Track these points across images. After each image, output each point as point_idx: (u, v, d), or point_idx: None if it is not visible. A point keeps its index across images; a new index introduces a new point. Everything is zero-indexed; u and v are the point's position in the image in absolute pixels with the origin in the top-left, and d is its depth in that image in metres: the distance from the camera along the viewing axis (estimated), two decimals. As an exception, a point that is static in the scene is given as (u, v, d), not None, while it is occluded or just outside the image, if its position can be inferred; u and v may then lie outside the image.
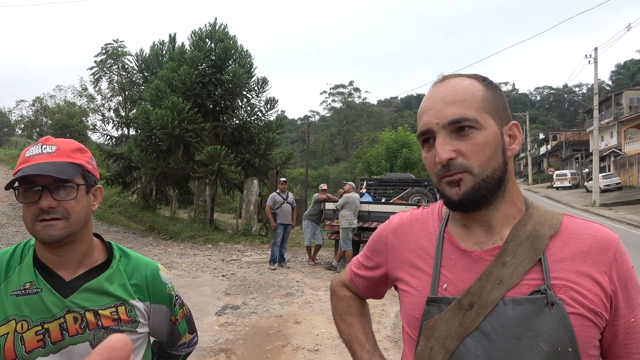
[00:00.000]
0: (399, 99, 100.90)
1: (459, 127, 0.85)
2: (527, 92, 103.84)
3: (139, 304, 1.23)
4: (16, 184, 1.13)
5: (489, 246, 0.90)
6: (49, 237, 1.10)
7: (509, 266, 0.85)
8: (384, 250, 1.07)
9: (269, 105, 16.05)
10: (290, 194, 10.10)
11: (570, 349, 0.80)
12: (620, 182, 30.24)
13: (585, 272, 0.83)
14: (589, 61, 24.63)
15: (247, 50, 16.22)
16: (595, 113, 25.17)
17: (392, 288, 1.12)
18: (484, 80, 0.91)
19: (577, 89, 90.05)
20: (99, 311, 1.16)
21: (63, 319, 1.13)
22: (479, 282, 0.86)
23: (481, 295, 0.85)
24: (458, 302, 0.87)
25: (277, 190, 10.00)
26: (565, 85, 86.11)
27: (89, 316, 1.15)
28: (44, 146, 1.15)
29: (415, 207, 9.26)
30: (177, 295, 1.36)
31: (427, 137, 0.90)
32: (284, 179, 10.30)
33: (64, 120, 30.42)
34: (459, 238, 0.94)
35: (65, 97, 36.32)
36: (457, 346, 0.85)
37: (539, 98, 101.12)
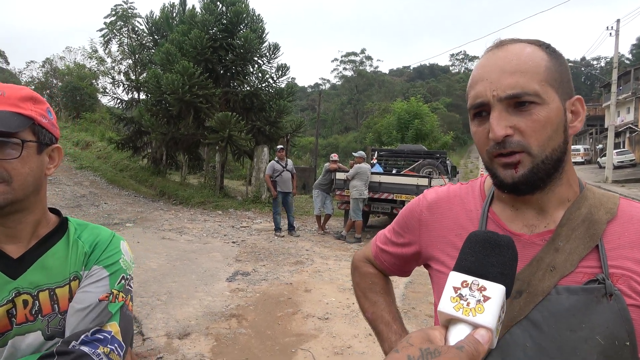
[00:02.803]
0: (411, 68, 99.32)
1: (519, 102, 0.76)
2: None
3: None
4: None
5: (541, 229, 0.83)
6: None
7: (562, 252, 0.79)
8: (416, 227, 1.01)
9: (280, 72, 15.80)
10: (289, 161, 9.99)
11: (627, 343, 0.74)
12: (634, 159, 29.76)
13: None
14: (610, 33, 23.89)
15: (259, 15, 15.86)
16: (614, 87, 24.60)
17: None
18: (547, 47, 0.81)
19: (595, 62, 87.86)
20: (56, 289, 0.97)
21: (12, 303, 0.93)
22: (528, 268, 0.80)
23: (531, 282, 0.79)
24: None
25: (276, 158, 9.89)
26: (583, 58, 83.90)
27: (43, 297, 0.96)
28: None
29: (428, 179, 9.21)
30: (129, 276, 1.07)
31: (480, 111, 0.81)
32: (281, 146, 10.17)
33: (74, 83, 30.29)
34: (506, 219, 0.87)
35: (75, 58, 36.05)
36: (503, 335, 0.79)
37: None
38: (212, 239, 8.87)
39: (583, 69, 76.95)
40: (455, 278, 0.63)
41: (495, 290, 0.60)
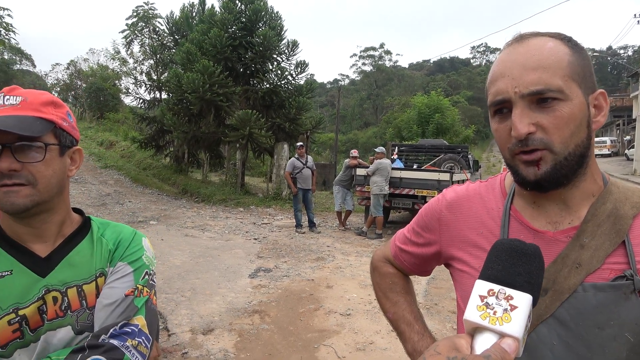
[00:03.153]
0: (431, 62, 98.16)
1: (542, 98, 0.75)
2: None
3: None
4: None
5: (565, 226, 0.82)
6: (10, 206, 0.93)
7: (588, 248, 0.78)
8: (436, 227, 1.00)
9: (299, 69, 15.83)
10: (309, 157, 10.01)
11: None
12: (664, 151, 28.83)
13: None
14: (638, 21, 23.20)
15: (277, 12, 15.92)
16: (642, 77, 23.85)
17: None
18: (569, 41, 0.80)
19: (622, 52, 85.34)
20: (83, 286, 1.02)
21: (42, 300, 0.97)
22: (554, 265, 0.79)
23: (557, 279, 0.78)
24: None
25: (296, 155, 9.91)
26: (610, 48, 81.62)
27: (71, 294, 1.00)
28: (7, 97, 0.96)
29: (449, 174, 9.12)
30: (152, 272, 1.12)
31: (501, 108, 0.79)
32: (301, 144, 10.19)
33: (98, 84, 30.92)
34: (529, 216, 0.86)
35: (98, 60, 36.80)
36: (529, 334, 0.78)
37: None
38: (234, 235, 8.97)
39: (609, 58, 74.85)
40: (482, 286, 0.63)
41: (523, 300, 0.60)
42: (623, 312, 0.74)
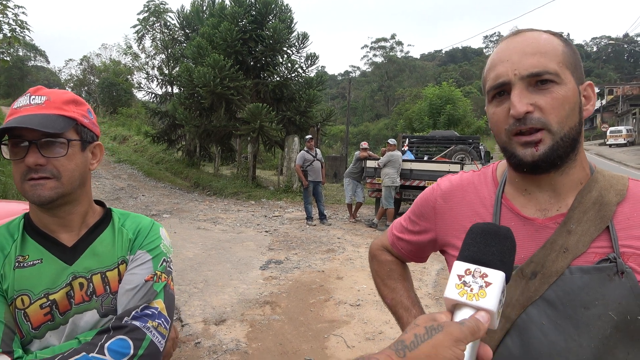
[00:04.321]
0: (443, 52, 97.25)
1: (540, 81, 0.80)
2: (583, 43, 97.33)
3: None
4: (5, 138, 1.03)
5: (553, 213, 0.87)
6: (37, 197, 1.01)
7: (574, 234, 0.83)
8: (432, 216, 1.05)
9: (309, 62, 15.81)
10: (318, 150, 10.04)
11: (639, 317, 0.78)
12: (681, 140, 28.31)
13: None
14: (655, 7, 22.63)
15: (287, 5, 15.89)
16: (659, 65, 23.34)
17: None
18: (560, 36, 0.87)
19: (639, 39, 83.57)
20: (107, 273, 1.10)
21: (69, 286, 1.06)
22: (542, 250, 0.84)
23: (545, 263, 0.83)
24: (520, 271, 0.85)
25: (305, 148, 9.94)
26: (626, 35, 79.89)
27: (96, 280, 1.09)
28: (32, 97, 1.05)
29: (460, 165, 9.08)
30: (169, 259, 1.20)
31: (500, 91, 0.85)
32: (310, 136, 10.21)
33: (110, 79, 31.21)
34: (519, 204, 0.91)
35: (111, 55, 37.13)
36: (519, 315, 0.84)
37: (595, 49, 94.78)
38: (245, 228, 9.06)
39: (626, 45, 73.33)
40: (459, 267, 0.67)
41: (496, 277, 0.64)
42: (607, 293, 0.79)
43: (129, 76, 32.85)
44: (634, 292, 0.78)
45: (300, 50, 15.94)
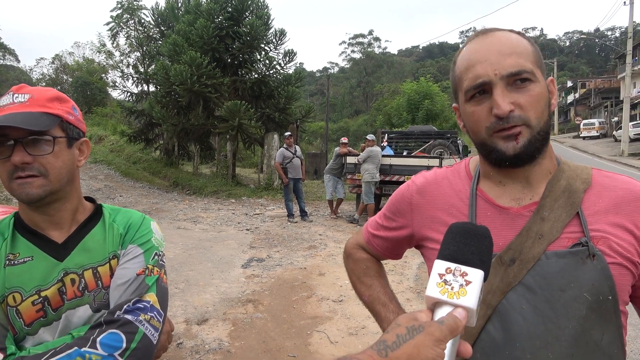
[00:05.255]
0: (420, 48, 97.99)
1: (519, 79, 0.84)
2: (556, 38, 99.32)
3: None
4: None
5: (527, 202, 0.91)
6: (25, 196, 1.01)
7: (548, 221, 0.87)
8: (408, 211, 1.07)
9: (287, 58, 15.74)
10: (297, 147, 10.04)
11: (610, 297, 0.83)
12: (651, 131, 29.09)
13: (619, 224, 0.86)
14: (625, 2, 23.26)
15: (264, 1, 15.77)
16: (629, 58, 24.02)
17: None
18: (524, 35, 0.91)
19: (609, 33, 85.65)
20: (98, 268, 1.10)
21: (61, 282, 1.06)
22: (519, 237, 0.88)
23: (522, 250, 0.87)
24: (499, 258, 0.88)
25: (285, 145, 9.91)
26: (597, 30, 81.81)
27: (88, 275, 1.09)
28: (16, 95, 1.04)
29: (439, 160, 9.18)
30: (161, 253, 1.20)
31: (479, 91, 0.87)
32: (289, 133, 10.19)
33: (84, 78, 30.55)
34: (494, 195, 0.94)
35: (84, 53, 36.33)
36: (500, 301, 0.86)
37: (568, 44, 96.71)
38: (226, 227, 8.99)
39: (597, 40, 75.09)
40: (440, 265, 0.68)
41: (476, 275, 0.66)
42: (581, 275, 0.83)
43: (104, 75, 32.21)
44: (604, 274, 0.83)
45: (278, 47, 15.86)
